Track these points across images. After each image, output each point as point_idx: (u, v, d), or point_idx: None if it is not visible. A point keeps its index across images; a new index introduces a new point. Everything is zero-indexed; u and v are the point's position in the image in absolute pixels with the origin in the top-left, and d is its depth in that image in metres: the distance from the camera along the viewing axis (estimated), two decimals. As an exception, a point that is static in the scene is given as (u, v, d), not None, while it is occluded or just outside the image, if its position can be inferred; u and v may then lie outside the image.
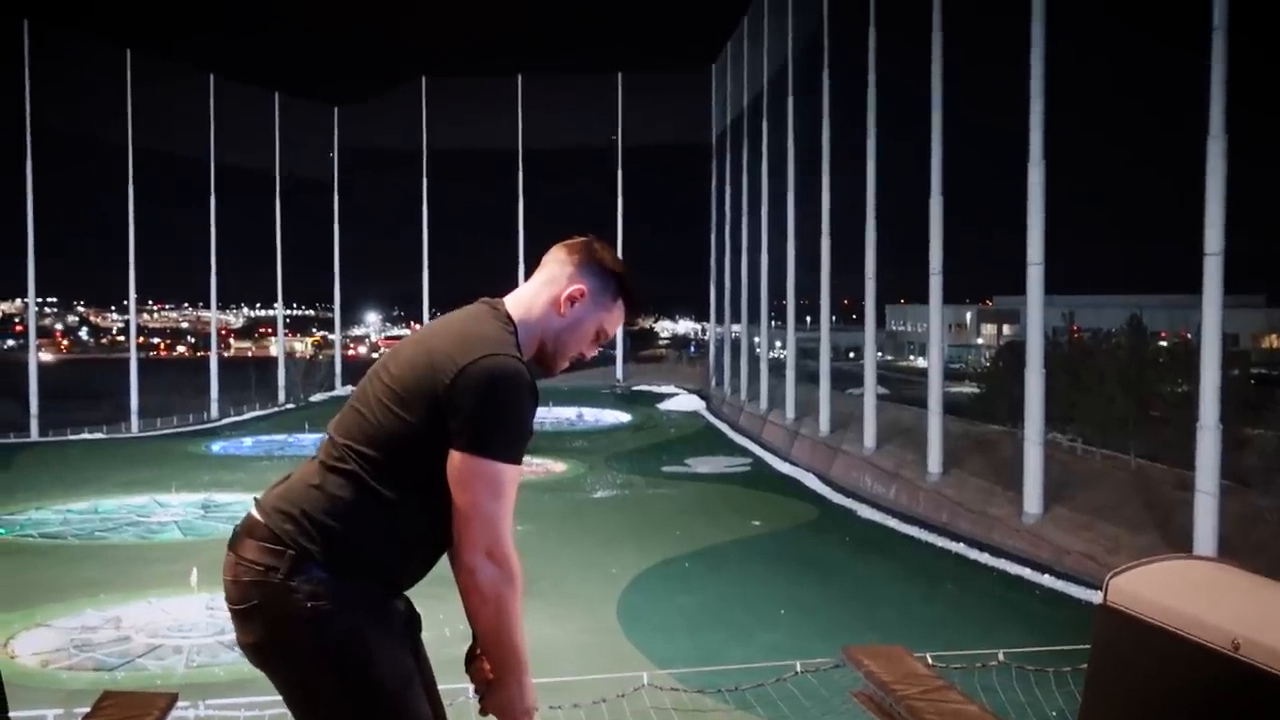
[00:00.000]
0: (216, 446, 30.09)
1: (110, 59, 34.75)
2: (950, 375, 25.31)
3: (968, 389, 30.24)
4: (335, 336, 45.65)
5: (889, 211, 22.74)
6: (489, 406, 1.99)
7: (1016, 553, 15.67)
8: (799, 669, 5.95)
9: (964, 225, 20.77)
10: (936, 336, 20.94)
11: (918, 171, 19.95)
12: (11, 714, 2.09)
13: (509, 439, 2.01)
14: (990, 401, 23.81)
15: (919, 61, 19.83)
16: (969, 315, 57.81)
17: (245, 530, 2.09)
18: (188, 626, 12.29)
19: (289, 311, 45.19)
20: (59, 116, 32.90)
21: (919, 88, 19.79)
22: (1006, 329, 48.15)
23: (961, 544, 16.65)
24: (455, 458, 2.00)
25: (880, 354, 29.37)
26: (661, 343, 70.98)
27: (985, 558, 15.84)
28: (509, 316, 2.18)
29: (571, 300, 2.22)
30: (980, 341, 52.94)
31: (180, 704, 4.11)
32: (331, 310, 45.71)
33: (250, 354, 57.12)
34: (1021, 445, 16.73)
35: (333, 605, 2.00)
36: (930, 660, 4.25)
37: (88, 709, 3.87)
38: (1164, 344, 22.89)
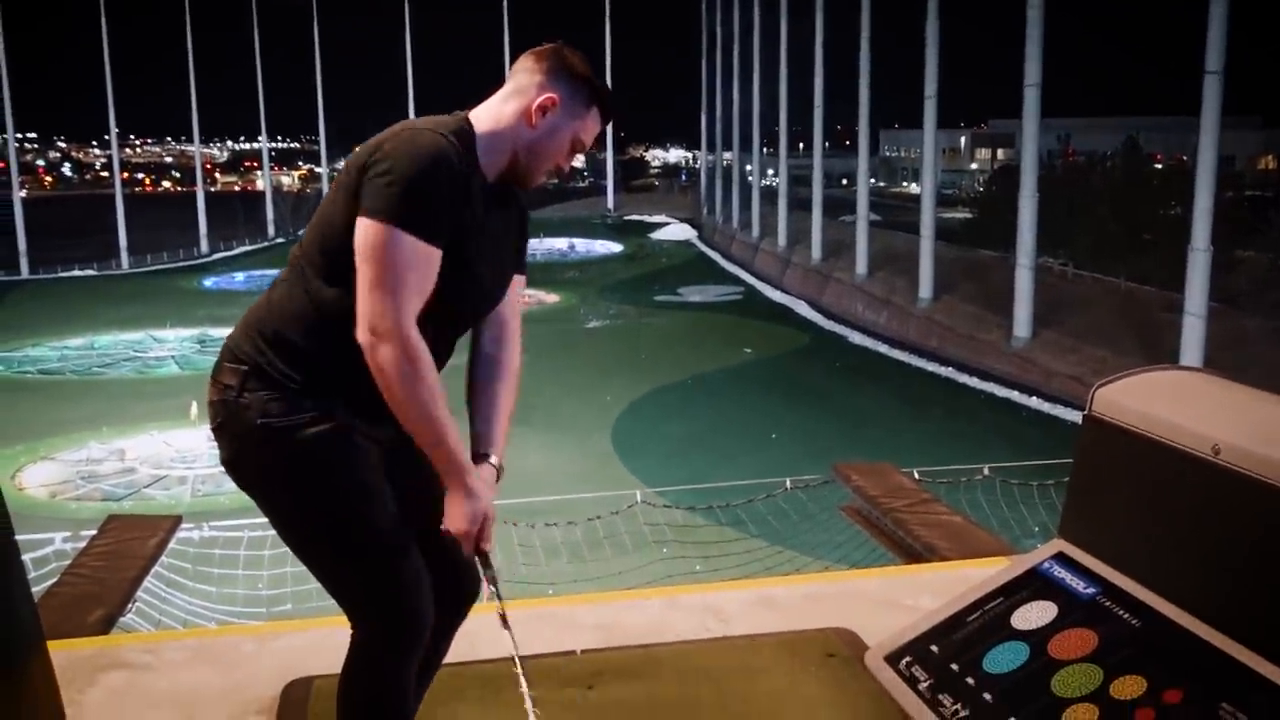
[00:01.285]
0: (209, 282, 30.05)
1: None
2: (943, 201, 25.15)
3: (960, 214, 30.09)
4: (322, 169, 44.99)
5: (884, 34, 22.16)
6: (395, 171, 1.89)
7: (1005, 376, 15.89)
8: (789, 485, 6.10)
9: (960, 47, 20.30)
10: (930, 161, 20.69)
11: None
12: (20, 538, 2.14)
13: (411, 205, 1.89)
14: (983, 227, 23.74)
15: None
16: (963, 140, 57.03)
17: (220, 352, 2.07)
18: (191, 457, 12.51)
19: (274, 145, 44.42)
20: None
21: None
22: (1001, 153, 47.59)
23: (950, 368, 16.86)
24: (356, 226, 1.92)
25: (873, 180, 29.07)
26: (652, 172, 70.17)
27: (974, 381, 16.07)
28: (467, 120, 2.11)
29: (543, 110, 2.13)
30: (974, 167, 52.42)
31: (185, 525, 4.22)
32: (317, 143, 44.92)
33: (237, 188, 56.43)
34: (1013, 270, 16.76)
35: (284, 420, 1.96)
36: (917, 475, 4.35)
37: (93, 533, 3.98)
38: (1159, 166, 22.71)
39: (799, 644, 2.66)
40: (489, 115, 2.07)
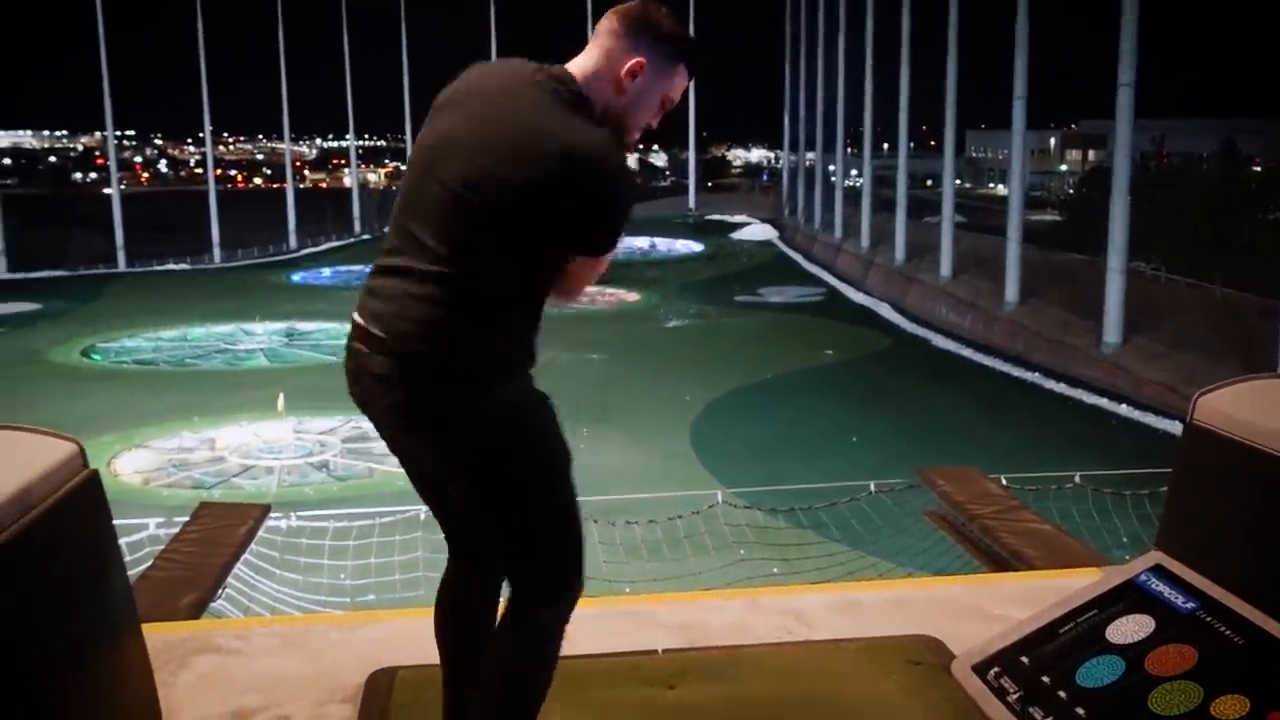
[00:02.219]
0: (296, 277, 30.66)
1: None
2: (1031, 203, 24.69)
3: (1049, 217, 29.50)
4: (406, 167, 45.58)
5: (972, 33, 21.80)
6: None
7: (1093, 382, 15.53)
8: (873, 489, 6.01)
9: (1051, 46, 19.89)
10: (1018, 162, 20.32)
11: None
12: (116, 523, 2.19)
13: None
14: (1072, 229, 23.25)
15: None
16: (1053, 141, 55.87)
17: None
18: (278, 448, 12.77)
19: (361, 143, 45.16)
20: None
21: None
22: (1092, 154, 46.52)
23: (1037, 373, 16.54)
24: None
25: (959, 181, 28.67)
26: (734, 171, 69.93)
27: (1061, 387, 15.74)
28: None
29: (632, 75, 2.10)
30: (1064, 168, 51.33)
31: (272, 515, 4.30)
32: (404, 140, 45.56)
33: (325, 185, 57.49)
34: (1102, 274, 16.37)
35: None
36: (1004, 482, 4.27)
37: (185, 519, 4.08)
38: (1257, 169, 22.03)
39: (883, 650, 2.61)
40: (595, 81, 2.04)
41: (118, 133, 34.70)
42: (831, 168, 33.69)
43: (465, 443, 1.96)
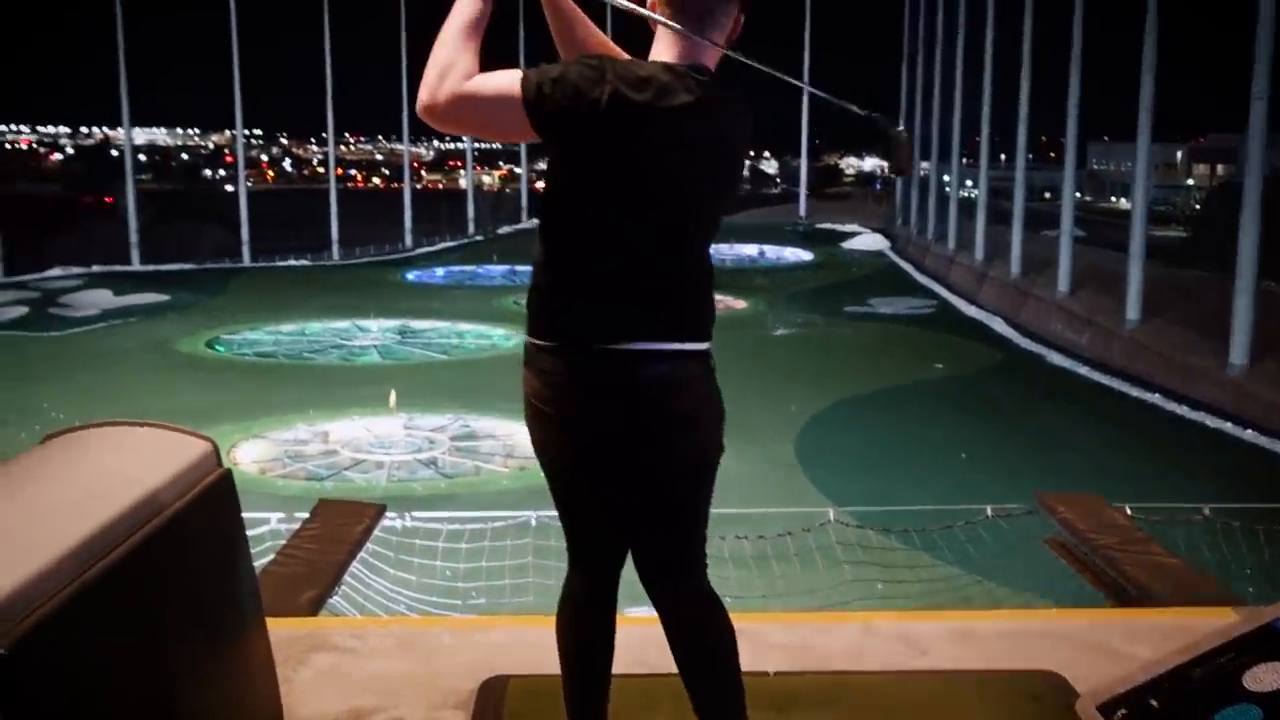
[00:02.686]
0: (411, 275, 31.28)
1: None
2: (1155, 218, 23.92)
3: (1173, 233, 28.55)
4: (521, 170, 46.26)
5: (1097, 41, 21.20)
6: None
7: (1219, 406, 14.94)
8: (989, 513, 5.87)
9: (1179, 57, 19.23)
10: (1142, 174, 19.65)
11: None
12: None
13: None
14: (1198, 246, 22.44)
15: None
16: (1179, 154, 54.02)
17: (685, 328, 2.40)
18: (388, 443, 13.03)
19: (477, 145, 45.88)
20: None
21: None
22: (1221, 169, 44.85)
23: (1158, 395, 15.98)
24: None
25: (1079, 194, 27.87)
26: (846, 180, 69.20)
27: (1184, 410, 15.18)
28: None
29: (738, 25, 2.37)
30: (1190, 183, 49.60)
31: (388, 514, 4.39)
32: (518, 144, 46.13)
33: (440, 186, 58.57)
34: (1230, 293, 15.75)
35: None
36: (1129, 511, 4.13)
37: (304, 514, 4.18)
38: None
39: (1002, 684, 2.55)
40: (715, 59, 2.35)
41: (246, 132, 35.85)
42: (946, 178, 33.11)
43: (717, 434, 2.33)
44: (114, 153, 38.58)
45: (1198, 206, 29.62)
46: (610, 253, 2.17)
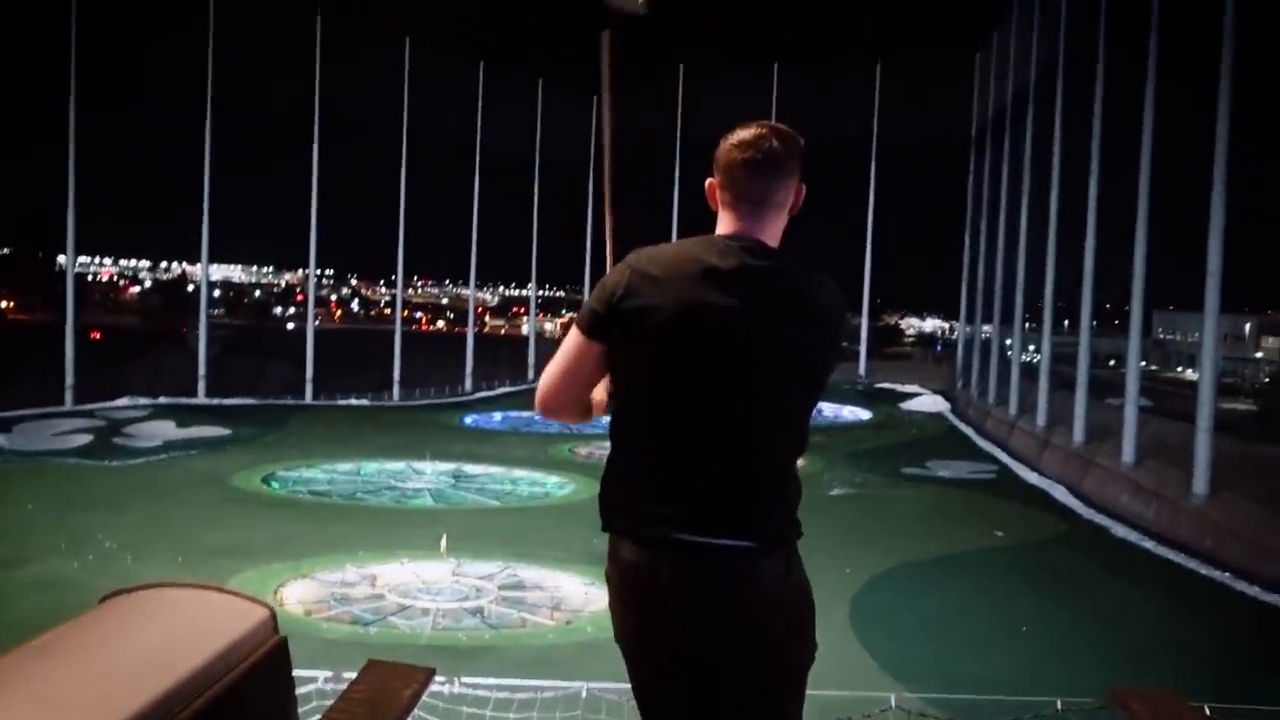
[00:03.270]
0: (468, 419, 31.54)
1: (390, 47, 36.91)
2: (1223, 390, 23.55)
3: (1242, 406, 28.05)
4: (582, 318, 46.84)
5: (1162, 208, 21.27)
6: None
7: (1293, 589, 14.38)
8: (1059, 706, 5.61)
9: (1248, 226, 19.18)
10: (1210, 344, 19.40)
11: (1197, 165, 18.49)
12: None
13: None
14: (1270, 419, 22.00)
15: (1205, 46, 18.36)
16: (1248, 326, 53.52)
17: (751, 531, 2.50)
18: (435, 590, 12.91)
19: (541, 292, 46.80)
20: (345, 101, 35.11)
21: (1204, 75, 18.31)
22: (1290, 343, 44.27)
23: (1228, 573, 15.44)
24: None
25: (1144, 363, 27.61)
26: (907, 340, 69.30)
27: (1256, 591, 14.63)
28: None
29: (799, 195, 2.49)
30: (1259, 355, 48.98)
31: (436, 679, 4.29)
32: (580, 292, 46.99)
33: (503, 331, 59.53)
34: (1305, 472, 15.32)
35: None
36: (1208, 711, 3.92)
37: (352, 673, 4.11)
38: None
39: None
40: (777, 231, 2.39)
41: (318, 272, 36.88)
42: (1008, 341, 33.01)
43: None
44: (190, 287, 39.81)
45: (1267, 380, 29.14)
46: (647, 441, 2.18)
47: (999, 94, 35.79)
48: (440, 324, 66.33)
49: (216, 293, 52.29)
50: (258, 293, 69.06)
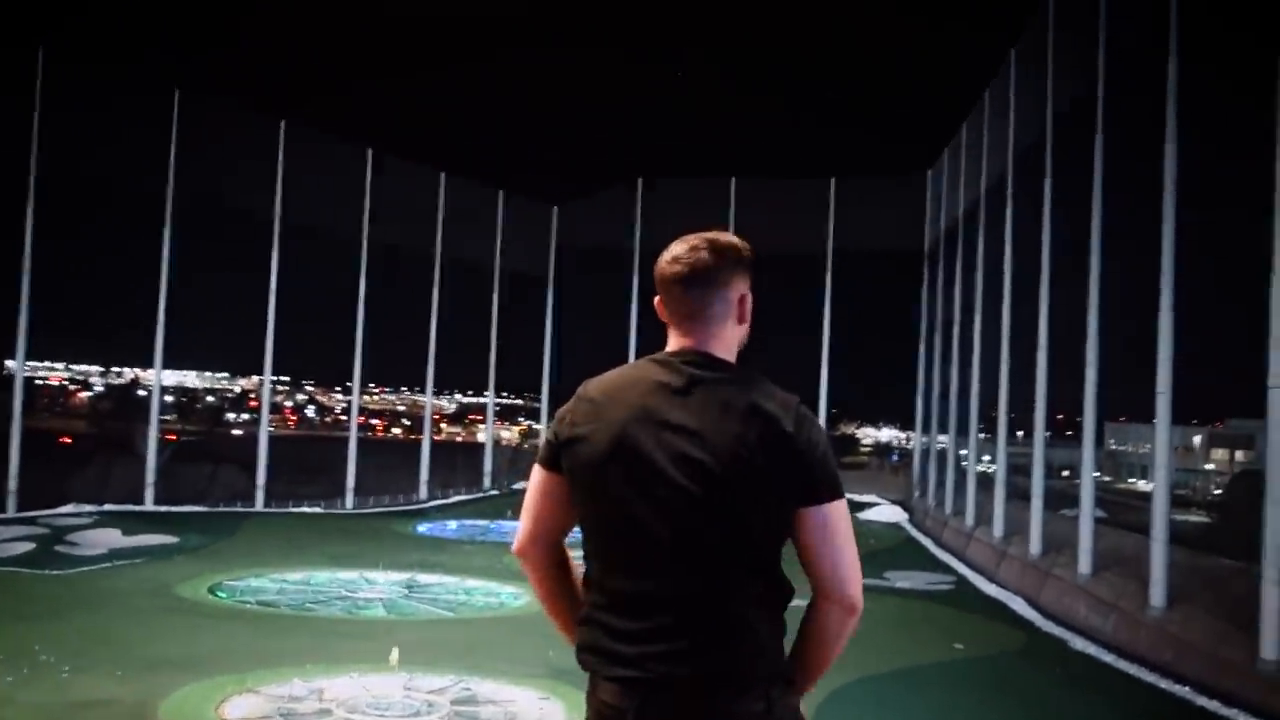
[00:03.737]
0: (423, 527, 31.08)
1: (351, 157, 37.28)
2: (1176, 501, 23.70)
3: (1194, 517, 28.24)
4: (540, 426, 46.73)
5: (1112, 322, 21.70)
6: (827, 446, 2.65)
7: (1252, 703, 14.30)
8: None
9: (1196, 339, 19.55)
10: (1163, 458, 19.63)
11: (1146, 280, 18.93)
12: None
13: None
14: (1221, 532, 22.14)
15: (1150, 164, 18.94)
16: (1197, 438, 54.29)
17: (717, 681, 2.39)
18: (384, 704, 12.53)
19: (499, 400, 46.63)
20: (303, 212, 35.32)
21: (1149, 192, 18.85)
22: (1240, 455, 44.91)
23: (1188, 687, 15.35)
24: (826, 510, 2.55)
25: (1097, 474, 27.84)
26: (863, 450, 69.58)
27: (1215, 705, 14.54)
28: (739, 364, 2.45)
29: (748, 312, 2.41)
30: (1209, 467, 49.59)
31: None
32: (538, 400, 46.92)
33: (460, 439, 59.11)
34: (1257, 583, 15.36)
35: (797, 702, 2.61)
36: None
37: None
38: None
39: None
40: (726, 343, 2.28)
41: (273, 378, 36.57)
42: (964, 451, 33.23)
43: None
44: (141, 392, 39.30)
45: (1217, 490, 29.44)
46: (600, 576, 2.14)
47: (950, 209, 36.68)
48: (396, 431, 65.83)
49: (169, 398, 51.62)
50: (210, 398, 68.31)
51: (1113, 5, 22.02)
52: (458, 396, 73.87)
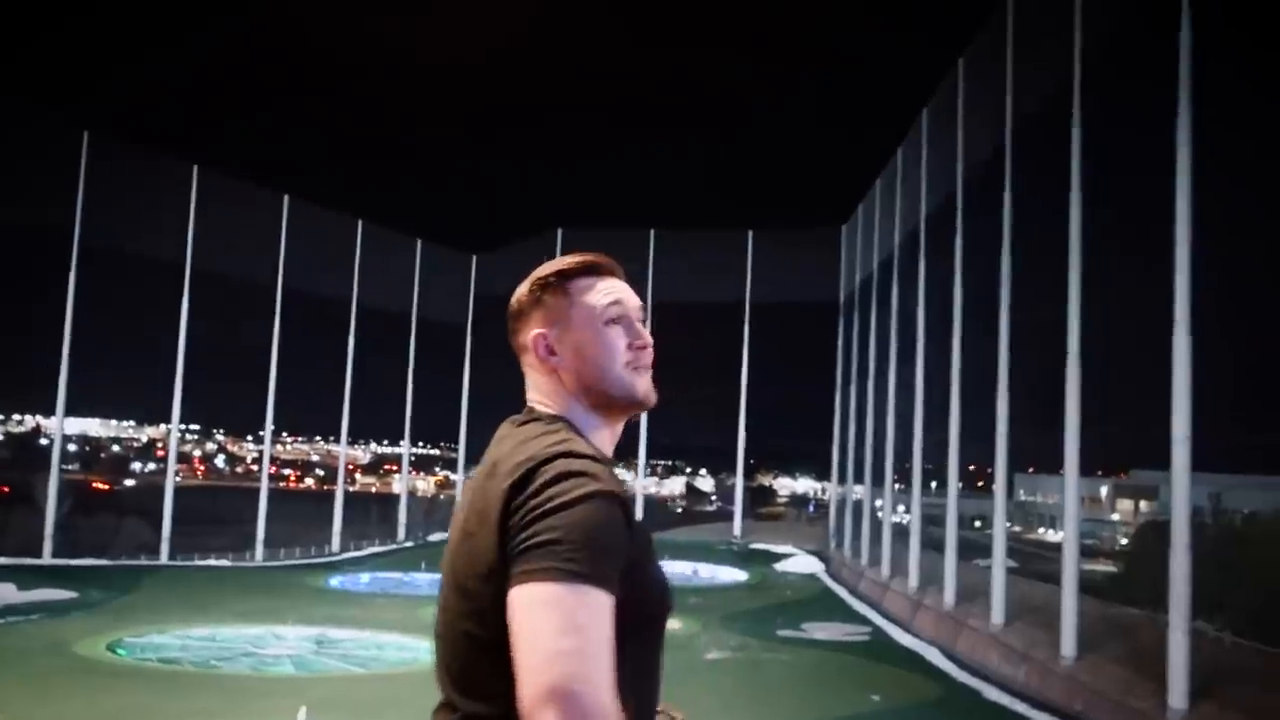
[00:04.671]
0: (335, 580, 30.36)
1: (267, 203, 36.78)
2: (1084, 551, 24.12)
3: (1102, 567, 28.76)
4: (458, 476, 46.17)
5: (1022, 376, 22.17)
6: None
7: (1161, 751, 14.51)
8: None
9: (1101, 393, 20.05)
10: (1072, 510, 20.00)
11: (1053, 335, 19.41)
12: None
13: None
14: (1127, 582, 22.57)
15: (1057, 223, 19.50)
16: (1104, 489, 55.59)
17: None
18: (292, 767, 12.11)
19: (415, 450, 46.00)
20: (215, 258, 34.67)
21: (1057, 249, 19.38)
22: (1145, 505, 46.06)
23: (1100, 736, 15.52)
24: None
25: (1008, 524, 28.30)
26: (780, 501, 69.97)
27: (1126, 754, 14.71)
28: (550, 416, 2.03)
29: (548, 350, 1.97)
30: (1116, 517, 50.76)
31: None
32: (455, 450, 46.39)
33: (374, 490, 58.15)
34: (1163, 631, 15.65)
35: None
36: None
37: None
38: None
39: None
40: (543, 391, 2.01)
41: (182, 426, 35.64)
42: (879, 502, 33.56)
43: None
44: (43, 440, 38.03)
45: (1124, 541, 30.11)
46: None
47: (865, 262, 37.32)
48: (310, 481, 64.60)
49: (72, 446, 50.07)
50: (115, 448, 66.41)
51: (1019, 68, 22.76)
52: (373, 446, 72.87)
